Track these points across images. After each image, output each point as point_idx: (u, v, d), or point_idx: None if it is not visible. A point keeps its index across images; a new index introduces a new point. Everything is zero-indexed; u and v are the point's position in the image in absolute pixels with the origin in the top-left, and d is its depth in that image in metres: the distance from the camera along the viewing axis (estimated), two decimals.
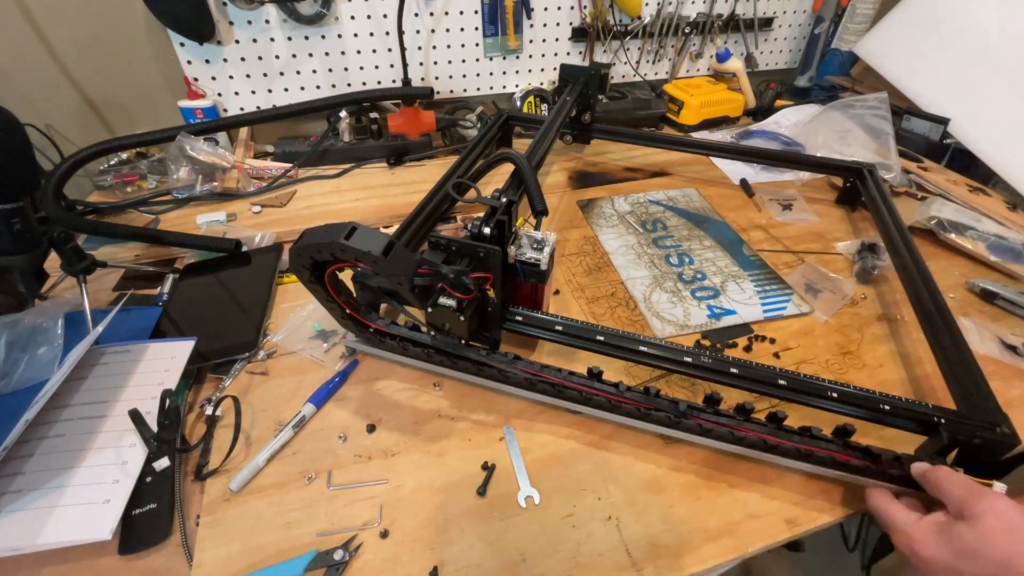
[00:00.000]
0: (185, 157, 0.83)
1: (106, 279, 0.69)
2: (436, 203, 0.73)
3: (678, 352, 0.51)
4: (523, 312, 0.55)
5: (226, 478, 0.46)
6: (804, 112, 1.16)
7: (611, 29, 1.14)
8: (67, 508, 0.43)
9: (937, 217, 0.81)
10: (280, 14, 0.93)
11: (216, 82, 0.96)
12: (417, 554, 0.42)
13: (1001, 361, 0.61)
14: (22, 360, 0.55)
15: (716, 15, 1.22)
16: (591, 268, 0.74)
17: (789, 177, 0.99)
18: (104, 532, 0.41)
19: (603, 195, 0.91)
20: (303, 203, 0.87)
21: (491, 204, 0.52)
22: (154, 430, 0.48)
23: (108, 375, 0.54)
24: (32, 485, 0.44)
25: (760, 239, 0.81)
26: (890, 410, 0.47)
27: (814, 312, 0.67)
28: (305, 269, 0.46)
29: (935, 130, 1.04)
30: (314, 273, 0.47)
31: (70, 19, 0.85)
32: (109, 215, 0.82)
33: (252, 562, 0.41)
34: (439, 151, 1.03)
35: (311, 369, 0.57)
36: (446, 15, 1.03)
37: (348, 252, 0.41)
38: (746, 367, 0.50)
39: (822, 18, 1.27)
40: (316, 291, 0.50)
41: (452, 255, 0.50)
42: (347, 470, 0.48)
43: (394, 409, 0.54)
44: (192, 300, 0.66)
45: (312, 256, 0.44)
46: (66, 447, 0.48)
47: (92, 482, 0.45)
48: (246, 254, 0.72)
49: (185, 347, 0.56)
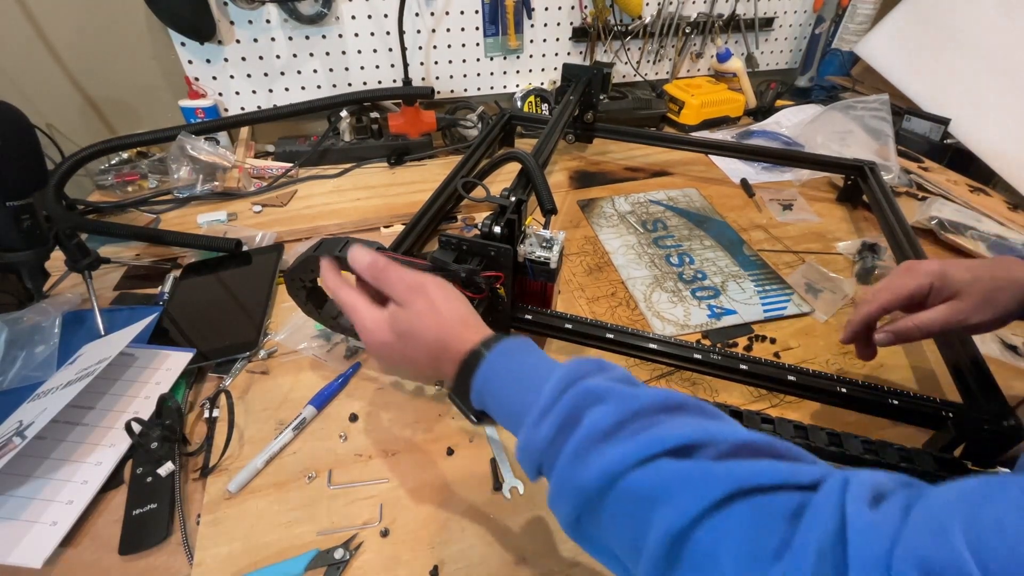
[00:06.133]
0: (186, 157, 0.83)
1: (107, 278, 0.69)
2: (442, 202, 0.73)
3: (688, 349, 0.51)
4: (532, 310, 0.55)
5: (226, 477, 0.46)
6: (805, 112, 1.16)
7: (612, 29, 1.14)
8: (11, 522, 0.41)
9: (937, 217, 0.81)
10: (281, 14, 0.93)
11: (217, 82, 0.96)
12: (417, 553, 0.42)
13: (1002, 361, 0.61)
14: (19, 358, 0.55)
15: (717, 15, 1.22)
16: (592, 268, 0.74)
17: (789, 177, 0.99)
18: (37, 559, 0.39)
19: (604, 195, 0.91)
20: (304, 203, 0.87)
21: (501, 203, 0.52)
22: (151, 438, 0.47)
23: (104, 379, 0.53)
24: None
25: (760, 239, 0.81)
26: (899, 404, 0.47)
27: (814, 312, 0.67)
28: (302, 290, 0.48)
29: (935, 130, 1.04)
30: (310, 296, 0.49)
31: (71, 19, 0.85)
32: (110, 214, 0.82)
33: (253, 561, 0.41)
34: (440, 151, 1.03)
35: (312, 368, 0.57)
36: (447, 15, 1.03)
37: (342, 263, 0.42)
38: (755, 363, 0.50)
39: (823, 18, 1.27)
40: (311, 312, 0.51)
41: (463, 254, 0.50)
42: (348, 469, 0.48)
43: (396, 408, 0.54)
44: (193, 299, 0.66)
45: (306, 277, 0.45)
46: (35, 453, 0.46)
47: (48, 498, 0.43)
48: (247, 254, 0.72)
49: (182, 358, 0.55)
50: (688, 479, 0.25)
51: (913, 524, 0.20)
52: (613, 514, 0.27)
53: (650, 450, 0.26)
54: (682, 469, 0.25)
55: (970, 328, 0.44)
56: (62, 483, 0.45)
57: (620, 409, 0.28)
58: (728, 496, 0.23)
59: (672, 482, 0.25)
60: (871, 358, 0.50)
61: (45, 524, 0.42)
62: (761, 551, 0.22)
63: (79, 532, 0.43)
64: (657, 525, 0.24)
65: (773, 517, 0.23)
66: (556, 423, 0.29)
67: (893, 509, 0.21)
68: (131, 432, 0.46)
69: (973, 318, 0.44)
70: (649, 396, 0.29)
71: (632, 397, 0.29)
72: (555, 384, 0.31)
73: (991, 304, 0.43)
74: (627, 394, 0.29)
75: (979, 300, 0.44)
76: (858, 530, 0.20)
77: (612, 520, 0.27)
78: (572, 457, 0.28)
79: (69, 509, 0.43)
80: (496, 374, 0.34)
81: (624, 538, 0.26)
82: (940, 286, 0.45)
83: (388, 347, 0.38)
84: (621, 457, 0.26)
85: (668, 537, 0.24)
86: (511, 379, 0.34)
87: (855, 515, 0.21)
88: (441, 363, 0.37)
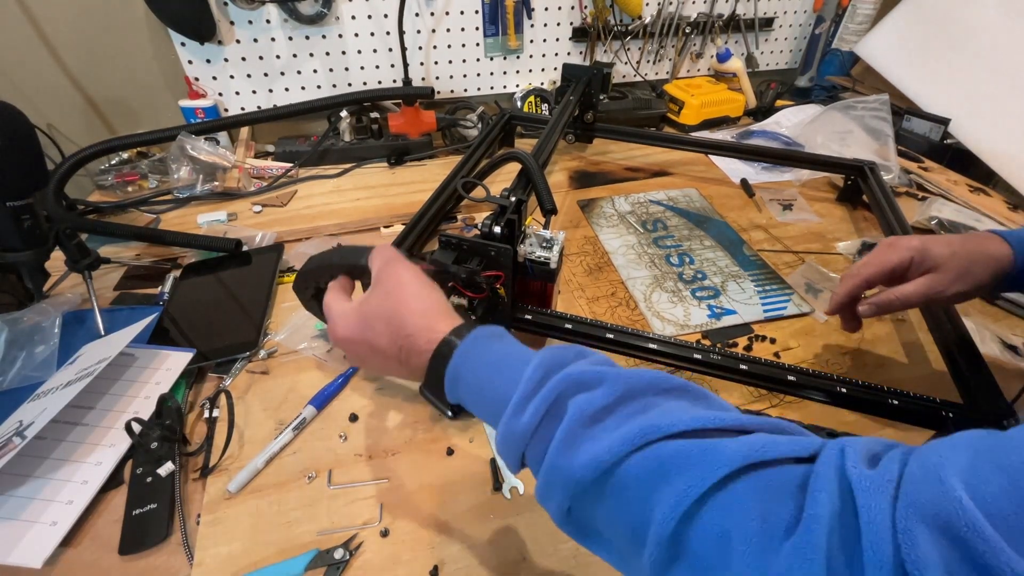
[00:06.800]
0: (186, 157, 0.83)
1: (107, 278, 0.69)
2: (442, 202, 0.73)
3: (688, 349, 0.51)
4: (532, 310, 0.55)
5: (226, 477, 0.46)
6: (805, 112, 1.16)
7: (612, 29, 1.14)
8: (11, 522, 0.41)
9: (937, 217, 0.81)
10: (281, 14, 0.93)
11: (217, 82, 0.96)
12: (417, 553, 0.42)
13: (1002, 361, 0.61)
14: (19, 358, 0.55)
15: (717, 15, 1.22)
16: (591, 268, 0.74)
17: (789, 177, 0.99)
18: (37, 559, 0.39)
19: (604, 195, 0.91)
20: (304, 203, 0.87)
21: (501, 203, 0.52)
22: (151, 438, 0.47)
23: (104, 379, 0.53)
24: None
25: (760, 239, 0.81)
26: (899, 404, 0.47)
27: (814, 312, 0.67)
28: (309, 289, 0.48)
29: (935, 130, 1.04)
30: (316, 296, 0.49)
31: (71, 19, 0.85)
32: (110, 215, 0.82)
33: (253, 561, 0.41)
34: (440, 151, 1.03)
35: (312, 368, 0.57)
36: (447, 15, 1.03)
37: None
38: (755, 363, 0.50)
39: (823, 18, 1.27)
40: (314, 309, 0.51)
41: (463, 254, 0.50)
42: (348, 469, 0.48)
43: (396, 408, 0.54)
44: (193, 299, 0.66)
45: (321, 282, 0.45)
46: (35, 453, 0.46)
47: (48, 498, 0.43)
48: (247, 254, 0.72)
49: (182, 358, 0.55)
50: (690, 459, 0.24)
51: (910, 476, 0.20)
52: (610, 501, 0.26)
53: (648, 436, 0.25)
54: (683, 448, 0.25)
55: (947, 299, 0.48)
56: (62, 483, 0.45)
57: (612, 393, 0.28)
58: (733, 473, 0.23)
59: (673, 463, 0.24)
60: (856, 330, 0.54)
61: (45, 524, 0.42)
62: (771, 526, 0.21)
63: (79, 532, 0.43)
64: (661, 508, 0.24)
65: (780, 491, 0.22)
66: (541, 411, 0.28)
67: (890, 465, 0.21)
68: (131, 432, 0.46)
69: (950, 289, 0.47)
70: (640, 378, 0.29)
71: (623, 380, 0.28)
72: (534, 371, 0.30)
73: (967, 276, 0.47)
74: (618, 376, 0.29)
75: (956, 273, 0.47)
76: (863, 489, 0.20)
77: (609, 507, 0.26)
78: (562, 445, 0.27)
79: (69, 509, 0.43)
80: (470, 363, 0.33)
81: (622, 525, 0.26)
82: (920, 260, 0.49)
83: (352, 339, 0.38)
84: (619, 442, 0.25)
85: (673, 519, 0.23)
86: (486, 367, 0.33)
87: (857, 477, 0.21)
88: (409, 354, 0.35)
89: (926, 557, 0.18)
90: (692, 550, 0.23)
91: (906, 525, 0.19)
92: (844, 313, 0.53)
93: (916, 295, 0.48)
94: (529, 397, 0.29)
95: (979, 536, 0.18)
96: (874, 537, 0.19)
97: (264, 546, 0.42)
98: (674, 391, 0.29)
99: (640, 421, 0.26)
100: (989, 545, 0.17)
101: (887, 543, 0.19)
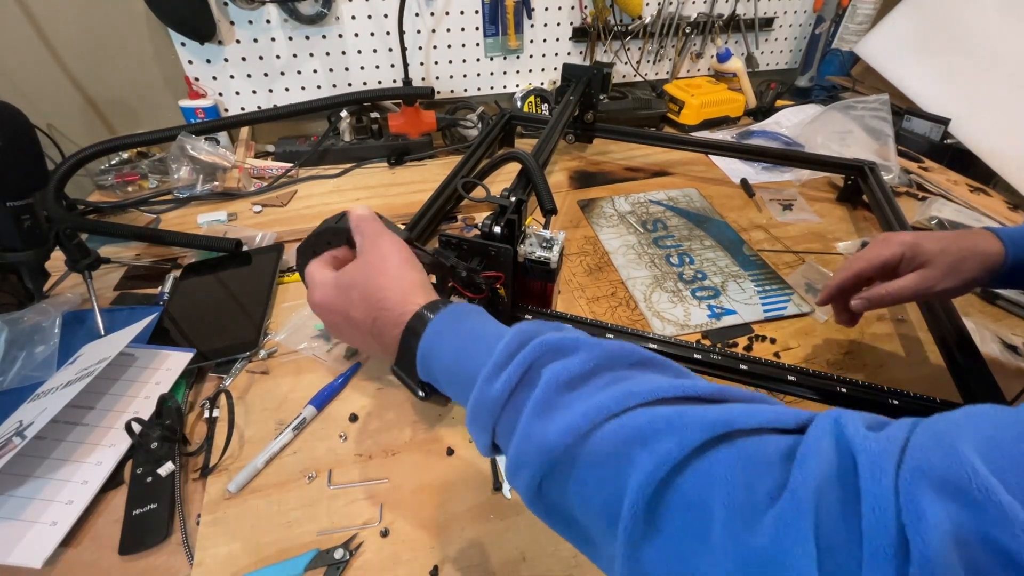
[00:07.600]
0: (186, 157, 0.83)
1: (107, 278, 0.69)
2: (442, 202, 0.73)
3: (687, 349, 0.51)
4: (532, 310, 0.55)
5: (227, 477, 0.46)
6: (805, 112, 1.16)
7: (612, 29, 1.14)
8: (11, 522, 0.41)
9: (937, 217, 0.81)
10: (281, 14, 0.93)
11: (217, 82, 0.96)
12: (417, 553, 0.42)
13: (1002, 361, 0.61)
14: (19, 358, 0.55)
15: (717, 15, 1.22)
16: (592, 268, 0.74)
17: (789, 177, 0.99)
18: (37, 559, 0.39)
19: (604, 195, 0.91)
20: (304, 203, 0.87)
21: (501, 203, 0.52)
22: (151, 438, 0.47)
23: (104, 379, 0.53)
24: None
25: (761, 239, 0.81)
26: (899, 404, 0.47)
27: (814, 312, 0.67)
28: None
29: (935, 130, 1.04)
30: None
31: (71, 19, 0.85)
32: (110, 215, 0.82)
33: (253, 561, 0.41)
34: (440, 151, 1.03)
35: (312, 368, 0.57)
36: (447, 15, 1.03)
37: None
38: (755, 363, 0.50)
39: (823, 18, 1.27)
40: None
41: (462, 254, 0.50)
42: (348, 469, 0.48)
43: (396, 408, 0.53)
44: (193, 299, 0.66)
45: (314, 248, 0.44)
46: (35, 452, 0.46)
47: (48, 498, 0.43)
48: (247, 254, 0.72)
49: (182, 358, 0.55)
50: (670, 423, 0.23)
51: (917, 442, 0.19)
52: (584, 471, 0.24)
53: (626, 403, 0.24)
54: (659, 414, 0.23)
55: (938, 294, 0.49)
56: (62, 483, 0.45)
57: (589, 360, 0.27)
58: (713, 439, 0.22)
59: (650, 428, 0.23)
60: (850, 324, 0.54)
61: (45, 524, 0.42)
62: (754, 495, 0.20)
63: (79, 532, 0.43)
64: (637, 475, 0.22)
65: (763, 460, 0.21)
66: (514, 379, 0.27)
67: (897, 432, 0.20)
68: (131, 432, 0.46)
69: (940, 285, 0.48)
70: (618, 348, 0.28)
71: (601, 348, 0.28)
72: (509, 340, 0.29)
73: (957, 272, 0.48)
74: (595, 345, 0.28)
75: (946, 269, 0.48)
76: (866, 451, 0.19)
77: (582, 480, 0.25)
78: (536, 412, 0.26)
79: (69, 509, 0.43)
80: (443, 338, 0.32)
81: (594, 498, 0.24)
82: (912, 256, 0.49)
83: (327, 305, 0.38)
84: (596, 408, 0.24)
85: (651, 485, 0.22)
86: (459, 342, 0.32)
87: (860, 439, 0.20)
88: (382, 327, 0.35)
89: (932, 521, 0.17)
90: (670, 521, 0.22)
91: (910, 489, 0.18)
92: (836, 306, 0.54)
93: (906, 290, 0.48)
94: (503, 366, 0.28)
95: (992, 501, 0.17)
96: (876, 501, 0.18)
97: (264, 546, 0.42)
98: (648, 363, 0.28)
99: (619, 388, 0.25)
100: (1003, 511, 0.16)
101: (890, 506, 0.18)
